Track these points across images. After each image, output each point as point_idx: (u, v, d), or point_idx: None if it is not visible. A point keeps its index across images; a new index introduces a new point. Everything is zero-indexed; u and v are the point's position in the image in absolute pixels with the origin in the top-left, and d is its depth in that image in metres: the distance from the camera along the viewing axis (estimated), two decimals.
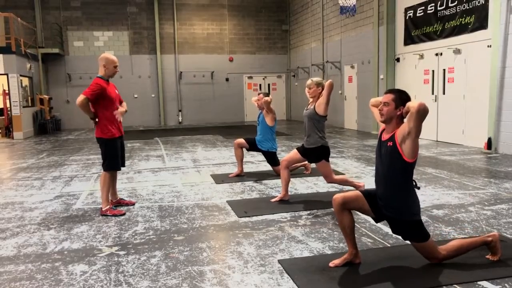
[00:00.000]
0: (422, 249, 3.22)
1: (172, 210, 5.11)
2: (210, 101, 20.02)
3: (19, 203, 5.67)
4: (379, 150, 3.27)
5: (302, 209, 4.98)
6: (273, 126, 6.80)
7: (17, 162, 9.30)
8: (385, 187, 3.22)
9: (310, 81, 5.28)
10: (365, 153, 9.31)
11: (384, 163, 3.19)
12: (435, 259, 3.24)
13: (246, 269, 3.36)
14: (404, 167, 3.09)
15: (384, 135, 3.24)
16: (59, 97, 18.30)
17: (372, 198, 3.28)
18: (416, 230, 3.17)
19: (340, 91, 15.55)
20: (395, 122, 3.16)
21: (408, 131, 2.99)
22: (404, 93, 3.19)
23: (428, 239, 3.17)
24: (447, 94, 10.56)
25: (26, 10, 17.68)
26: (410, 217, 3.15)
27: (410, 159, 3.06)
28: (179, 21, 19.37)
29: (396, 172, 3.12)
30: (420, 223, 3.19)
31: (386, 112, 3.15)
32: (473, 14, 9.57)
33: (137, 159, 9.16)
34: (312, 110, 5.18)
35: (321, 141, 5.17)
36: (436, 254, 3.21)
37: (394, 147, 3.09)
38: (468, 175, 6.69)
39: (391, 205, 3.19)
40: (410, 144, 3.02)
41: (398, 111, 3.13)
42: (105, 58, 4.94)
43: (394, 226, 3.27)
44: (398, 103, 3.12)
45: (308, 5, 17.93)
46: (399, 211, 3.17)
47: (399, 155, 3.07)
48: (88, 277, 3.28)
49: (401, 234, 3.28)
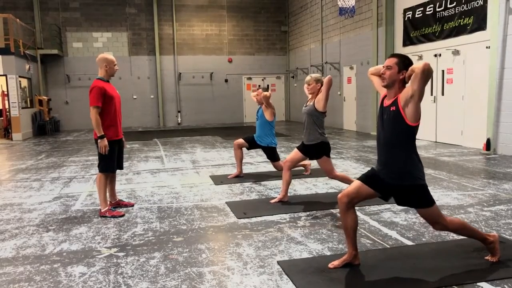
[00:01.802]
0: (427, 215, 3.18)
1: (171, 211, 5.10)
2: (209, 102, 20.02)
3: (18, 204, 5.66)
4: (381, 117, 3.22)
5: (301, 210, 4.97)
6: (272, 121, 6.79)
7: (16, 163, 9.28)
8: (388, 154, 3.17)
9: (309, 78, 5.29)
10: (364, 154, 9.31)
11: (386, 129, 3.15)
12: (439, 225, 3.20)
13: (246, 270, 3.36)
14: (407, 130, 3.06)
15: (386, 101, 3.19)
16: (58, 98, 18.30)
17: (372, 178, 3.24)
18: (422, 195, 3.13)
19: (339, 92, 15.56)
20: (397, 87, 3.11)
21: (412, 94, 2.96)
22: (407, 58, 3.15)
23: (433, 204, 3.14)
24: (446, 95, 10.57)
25: (25, 11, 17.68)
26: (414, 181, 3.11)
27: (413, 122, 3.02)
28: (178, 22, 19.38)
29: (399, 136, 3.09)
30: (425, 187, 3.14)
31: (388, 76, 3.11)
32: (471, 15, 9.58)
33: (136, 160, 9.15)
34: (312, 107, 5.18)
35: (321, 137, 5.18)
36: (440, 220, 3.17)
37: (397, 111, 3.05)
38: (467, 176, 6.69)
39: (394, 171, 3.14)
40: (413, 107, 2.99)
41: (401, 75, 3.09)
42: (105, 59, 4.96)
43: (399, 194, 3.21)
44: (401, 67, 3.08)
45: (307, 6, 17.95)
46: (403, 176, 3.12)
47: (402, 119, 3.03)
48: (87, 278, 3.28)
49: (406, 202, 3.22)
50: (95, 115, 4.80)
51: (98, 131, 4.82)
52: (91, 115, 4.80)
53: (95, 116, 4.80)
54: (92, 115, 4.80)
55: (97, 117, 4.80)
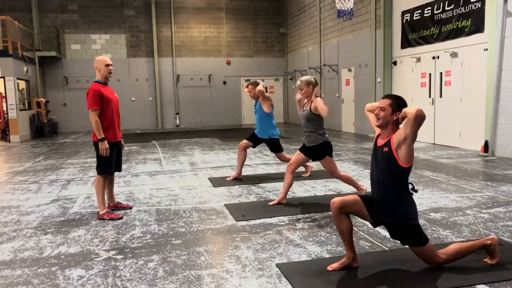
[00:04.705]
0: (421, 253, 3.21)
1: (170, 214, 5.09)
2: (208, 104, 20.01)
3: (16, 207, 5.64)
4: (375, 156, 3.28)
5: (300, 212, 4.97)
6: (271, 112, 6.79)
7: (13, 165, 9.26)
8: (380, 193, 3.22)
9: (299, 82, 5.19)
10: (363, 156, 9.32)
11: (379, 169, 3.21)
12: (434, 263, 3.23)
13: (244, 273, 3.35)
14: (399, 172, 3.11)
15: (380, 141, 3.25)
16: (56, 100, 18.27)
17: (370, 202, 3.28)
18: (414, 235, 3.17)
19: (337, 94, 15.58)
20: (391, 128, 3.17)
21: (404, 137, 3.01)
22: (401, 98, 3.21)
23: (426, 243, 3.17)
24: (444, 97, 10.59)
25: (23, 13, 17.66)
26: (407, 222, 3.15)
27: (405, 164, 3.08)
28: (176, 24, 19.38)
29: (392, 177, 3.14)
30: (418, 227, 3.19)
31: (382, 117, 3.16)
32: (469, 17, 9.61)
33: (134, 163, 9.14)
34: (309, 112, 5.17)
35: (322, 138, 5.19)
36: (435, 258, 3.21)
37: (390, 152, 3.10)
38: (465, 178, 6.70)
39: (387, 210, 3.20)
40: (406, 150, 3.04)
41: (394, 116, 3.14)
42: (96, 60, 5.01)
43: (392, 231, 3.28)
44: (394, 108, 3.14)
45: (305, 9, 17.97)
46: (396, 216, 3.17)
47: (395, 160, 3.08)
48: (85, 281, 3.27)
49: (399, 238, 3.28)
50: (95, 118, 4.80)
51: (99, 133, 4.81)
52: (91, 118, 4.80)
53: (94, 118, 4.80)
54: (92, 117, 4.80)
55: (97, 120, 4.80)
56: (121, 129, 5.25)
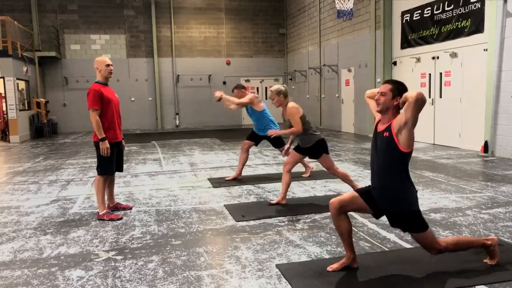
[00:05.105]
0: (421, 240, 3.19)
1: (169, 214, 5.09)
2: (207, 104, 19.98)
3: (15, 207, 5.63)
4: (375, 142, 3.25)
5: (300, 213, 4.96)
6: (264, 109, 6.83)
7: (13, 166, 9.25)
8: (380, 179, 3.19)
9: (270, 92, 5.38)
10: (363, 156, 9.31)
11: (380, 154, 3.18)
12: (434, 250, 3.21)
13: (244, 274, 3.35)
14: (400, 157, 3.08)
15: (380, 126, 3.22)
16: (56, 100, 18.27)
17: (368, 194, 3.26)
18: (415, 221, 3.14)
19: (337, 94, 15.57)
20: (391, 113, 3.14)
21: (405, 121, 2.98)
22: (401, 84, 3.18)
23: (427, 229, 3.15)
24: (444, 97, 10.59)
25: (23, 13, 17.65)
26: (408, 208, 3.13)
27: (406, 149, 3.05)
28: (176, 24, 19.38)
29: (392, 162, 3.11)
30: (418, 213, 3.16)
31: (382, 102, 3.14)
32: (469, 18, 9.61)
33: (134, 163, 9.13)
34: (288, 122, 5.36)
35: (314, 137, 5.28)
36: (435, 245, 3.18)
37: (391, 137, 3.07)
38: (465, 178, 6.70)
39: (388, 197, 3.17)
40: (407, 134, 3.01)
41: (395, 101, 3.11)
42: (96, 61, 5.02)
43: (392, 218, 3.24)
44: (395, 93, 3.11)
45: (305, 9, 17.97)
46: (397, 203, 3.14)
47: (396, 145, 3.06)
48: (85, 282, 3.26)
49: (399, 225, 3.25)
50: (95, 118, 4.79)
51: (99, 133, 4.81)
52: (91, 118, 4.80)
53: (95, 118, 4.79)
54: (92, 118, 4.80)
55: (98, 120, 4.79)
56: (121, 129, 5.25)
